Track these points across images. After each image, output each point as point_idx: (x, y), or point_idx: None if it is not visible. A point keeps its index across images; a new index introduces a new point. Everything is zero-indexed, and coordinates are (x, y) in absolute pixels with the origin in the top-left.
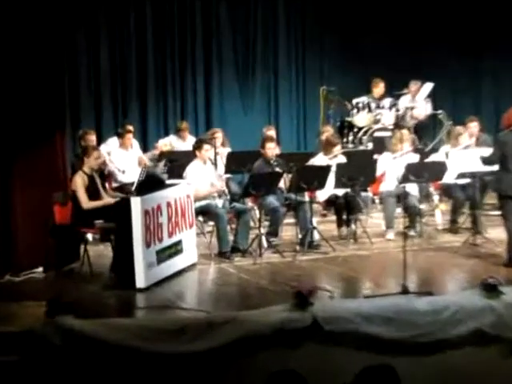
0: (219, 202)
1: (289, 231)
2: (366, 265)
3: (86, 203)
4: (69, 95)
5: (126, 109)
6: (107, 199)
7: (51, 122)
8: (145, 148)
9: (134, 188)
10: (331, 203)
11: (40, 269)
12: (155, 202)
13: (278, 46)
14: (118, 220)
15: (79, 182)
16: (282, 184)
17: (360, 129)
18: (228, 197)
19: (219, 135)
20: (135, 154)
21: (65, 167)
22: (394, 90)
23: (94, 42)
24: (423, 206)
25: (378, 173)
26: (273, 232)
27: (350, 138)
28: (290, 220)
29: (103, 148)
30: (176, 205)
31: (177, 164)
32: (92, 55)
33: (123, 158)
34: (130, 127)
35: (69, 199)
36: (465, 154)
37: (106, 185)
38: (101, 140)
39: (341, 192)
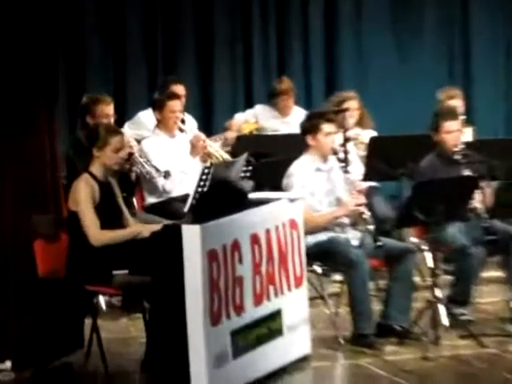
0: (353, 237)
1: (493, 295)
2: None
3: (96, 235)
4: (67, 47)
5: (169, 62)
6: (135, 227)
7: (28, 97)
8: (206, 131)
9: (187, 207)
10: None
11: (7, 364)
12: (229, 235)
13: None
14: (155, 270)
15: (84, 194)
16: (476, 202)
17: None
18: (371, 226)
19: (353, 105)
20: (188, 143)
21: (55, 168)
22: None
23: None
24: None
25: None
26: (460, 296)
27: None
28: (494, 273)
29: (129, 130)
30: (270, 241)
31: (270, 161)
32: None
33: (166, 149)
34: (179, 88)
35: (62, 229)
36: None
37: (134, 201)
38: (123, 116)
39: None
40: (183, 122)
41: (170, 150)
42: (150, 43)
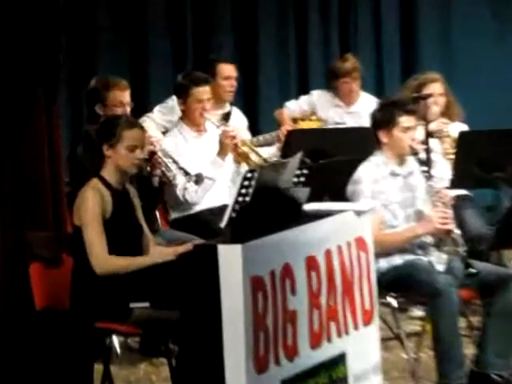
0: (438, 260)
1: None
2: None
3: (100, 261)
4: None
5: (201, 35)
6: (158, 250)
7: (21, 82)
8: (253, 125)
9: (224, 222)
10: None
11: None
12: (279, 258)
13: None
14: (184, 302)
15: (91, 206)
16: None
17: None
18: (461, 247)
19: (437, 89)
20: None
21: (56, 172)
22: None
23: None
24: None
25: None
26: None
27: None
28: None
29: (159, 116)
30: (331, 265)
31: (331, 162)
32: None
33: (189, 148)
34: (229, 68)
35: (65, 249)
36: None
37: (157, 214)
38: (143, 105)
39: None
40: (227, 116)
41: (195, 151)
42: (176, 10)
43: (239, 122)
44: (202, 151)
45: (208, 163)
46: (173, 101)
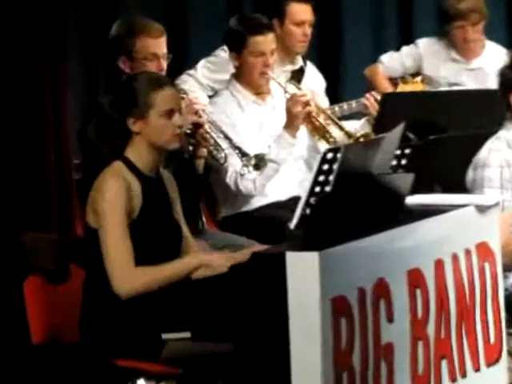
0: None
1: None
2: None
3: (130, 278)
4: None
5: None
6: (203, 259)
7: (20, 42)
8: (332, 90)
9: (294, 221)
10: None
11: None
12: (370, 271)
13: None
14: (238, 331)
15: (113, 198)
16: None
17: None
18: None
19: None
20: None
21: (63, 156)
22: None
23: None
24: None
25: None
26: None
27: None
28: None
29: (204, 73)
30: (441, 280)
31: (444, 138)
32: None
33: (254, 118)
34: (303, 8)
35: (73, 258)
36: None
37: (201, 210)
38: (183, 59)
39: None
40: (299, 75)
41: (254, 122)
42: None
43: (315, 83)
44: (263, 123)
45: (272, 140)
46: (225, 52)
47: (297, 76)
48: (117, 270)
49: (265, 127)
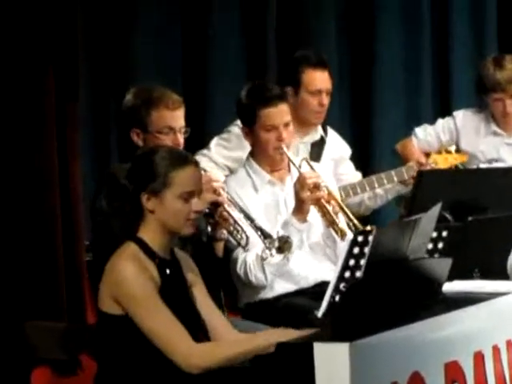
0: None
1: None
2: None
3: (194, 354)
4: None
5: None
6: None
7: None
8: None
9: (322, 309)
10: None
11: None
12: (405, 364)
13: None
14: None
15: (143, 282)
16: None
17: None
18: None
19: None
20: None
21: (73, 230)
22: None
23: None
24: None
25: None
26: None
27: None
28: None
29: (217, 151)
30: (481, 375)
31: (486, 219)
32: None
33: (268, 200)
34: (319, 75)
35: (83, 349)
36: None
37: (222, 297)
38: (203, 131)
39: None
40: (320, 145)
41: (268, 205)
42: None
43: (339, 151)
44: (280, 205)
45: (279, 224)
46: (239, 128)
47: (317, 148)
48: (181, 348)
49: (282, 209)
